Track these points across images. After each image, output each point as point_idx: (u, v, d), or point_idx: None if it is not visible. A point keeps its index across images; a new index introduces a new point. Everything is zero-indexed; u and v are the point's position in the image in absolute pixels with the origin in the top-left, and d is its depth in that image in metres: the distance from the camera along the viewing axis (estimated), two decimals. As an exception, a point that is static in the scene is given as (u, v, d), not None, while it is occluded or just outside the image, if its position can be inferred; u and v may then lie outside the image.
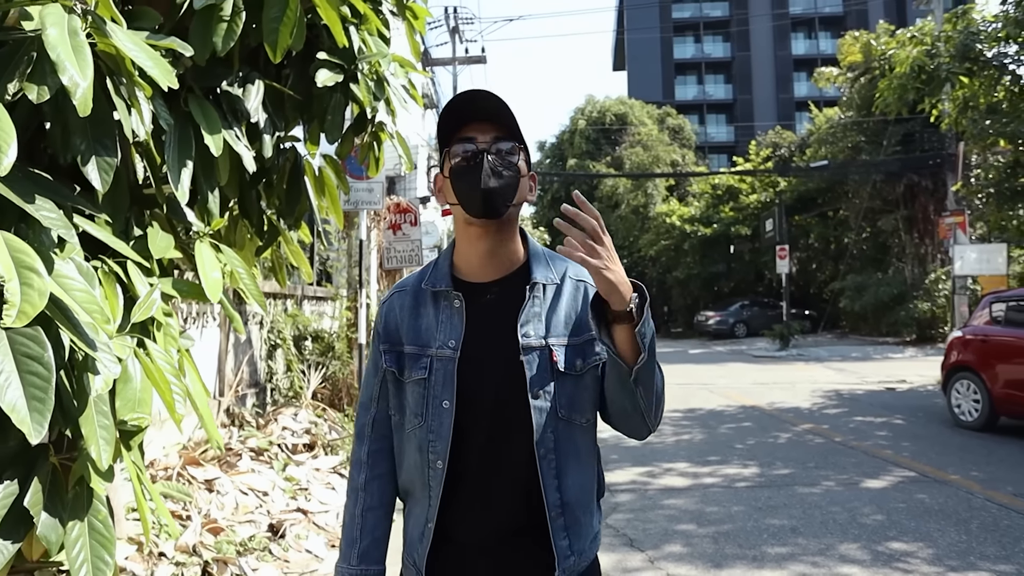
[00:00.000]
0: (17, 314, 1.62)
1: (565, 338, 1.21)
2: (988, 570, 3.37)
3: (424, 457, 1.22)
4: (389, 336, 1.30)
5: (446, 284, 1.25)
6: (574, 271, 1.29)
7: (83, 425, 1.98)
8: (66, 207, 2.06)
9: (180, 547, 3.38)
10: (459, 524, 1.23)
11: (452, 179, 1.21)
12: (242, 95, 2.92)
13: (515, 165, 1.21)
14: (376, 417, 1.33)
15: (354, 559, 1.28)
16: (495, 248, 1.24)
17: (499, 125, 1.21)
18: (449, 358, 1.22)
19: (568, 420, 1.21)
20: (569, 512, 1.20)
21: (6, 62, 1.98)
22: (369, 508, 1.30)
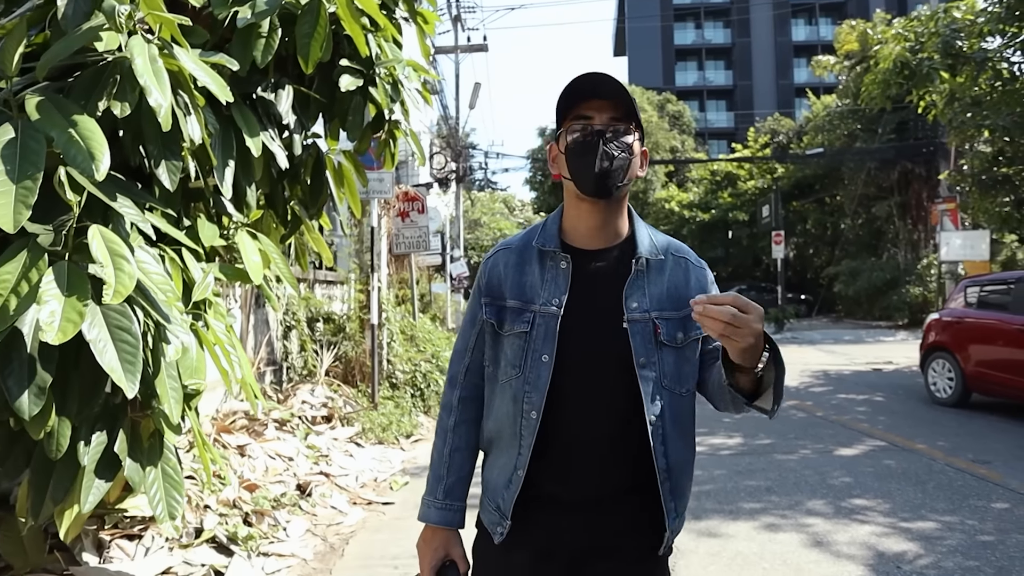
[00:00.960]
0: (113, 293, 2.05)
1: (667, 312, 1.26)
2: (935, 521, 3.81)
3: (519, 407, 1.26)
4: (491, 291, 1.33)
5: (555, 245, 1.29)
6: (676, 247, 1.34)
7: (158, 386, 2.40)
8: (138, 203, 2.49)
9: (222, 501, 3.82)
10: (549, 476, 1.26)
11: (568, 156, 1.24)
12: (274, 99, 3.35)
13: (629, 147, 1.23)
14: (470, 366, 1.37)
15: (440, 493, 1.35)
16: (604, 222, 1.28)
17: (616, 104, 1.23)
18: (553, 315, 1.25)
19: (671, 390, 1.25)
20: (674, 477, 1.25)
21: (94, 84, 2.40)
22: (456, 449, 1.36)
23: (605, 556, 1.25)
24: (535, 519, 1.26)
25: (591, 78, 1.22)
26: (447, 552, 1.33)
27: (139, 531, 3.24)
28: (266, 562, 3.35)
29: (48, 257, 2.13)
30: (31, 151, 2.03)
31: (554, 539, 1.26)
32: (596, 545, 1.25)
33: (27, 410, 2.03)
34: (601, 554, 1.25)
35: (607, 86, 1.22)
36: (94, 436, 2.44)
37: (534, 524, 1.26)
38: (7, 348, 2.04)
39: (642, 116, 6.49)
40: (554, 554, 1.26)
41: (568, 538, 1.25)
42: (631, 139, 1.24)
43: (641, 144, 1.28)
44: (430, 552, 1.33)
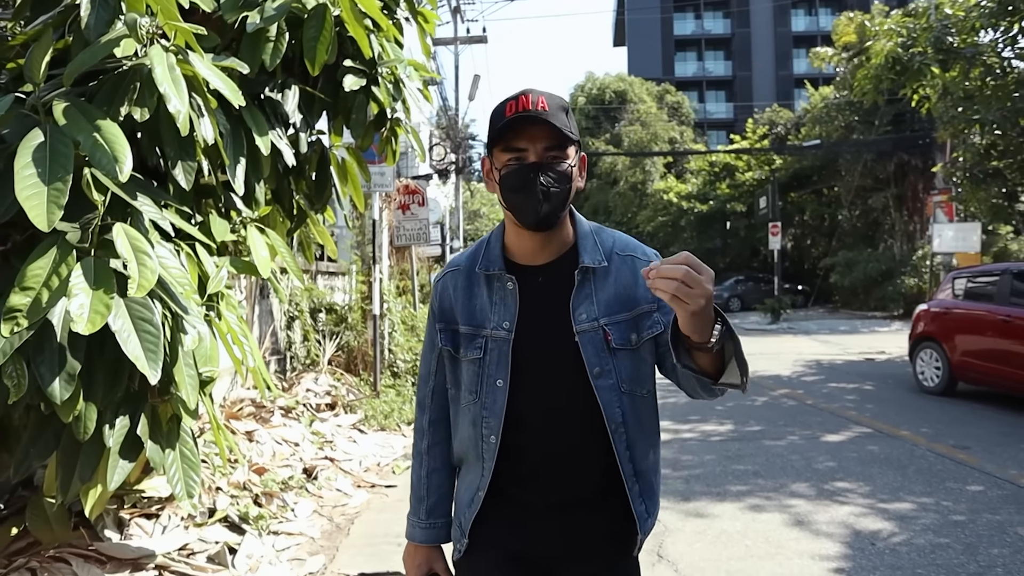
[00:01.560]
0: (137, 287, 2.23)
1: (618, 315, 1.24)
2: (912, 502, 4.00)
3: (478, 431, 1.27)
4: (444, 315, 1.33)
5: (499, 267, 1.27)
6: (621, 246, 1.30)
7: (176, 374, 2.58)
8: (156, 201, 2.65)
9: (233, 483, 4.00)
10: (518, 489, 1.27)
11: (502, 187, 1.20)
12: (281, 99, 3.51)
13: (567, 176, 1.19)
14: (435, 389, 1.38)
15: (423, 514, 1.38)
16: (546, 241, 1.27)
17: (551, 132, 1.17)
18: (504, 339, 1.24)
19: (631, 393, 1.24)
20: (643, 479, 1.26)
21: (115, 90, 2.57)
22: (433, 470, 1.39)
23: (579, 561, 1.26)
24: (505, 527, 1.28)
25: (523, 104, 1.15)
26: (430, 567, 1.37)
27: (156, 510, 3.42)
28: (276, 540, 3.54)
29: (76, 253, 2.29)
30: (60, 154, 2.20)
31: (527, 544, 1.27)
32: (569, 552, 1.26)
33: (58, 395, 2.21)
34: (575, 559, 1.26)
35: (540, 114, 1.15)
36: (118, 420, 2.61)
37: (502, 531, 1.28)
38: (39, 338, 2.21)
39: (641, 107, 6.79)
40: (531, 559, 1.27)
41: (541, 547, 1.26)
42: (567, 165, 1.19)
43: (578, 156, 1.24)
44: (414, 568, 1.38)
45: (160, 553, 3.08)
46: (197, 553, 3.21)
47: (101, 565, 2.90)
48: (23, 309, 2.13)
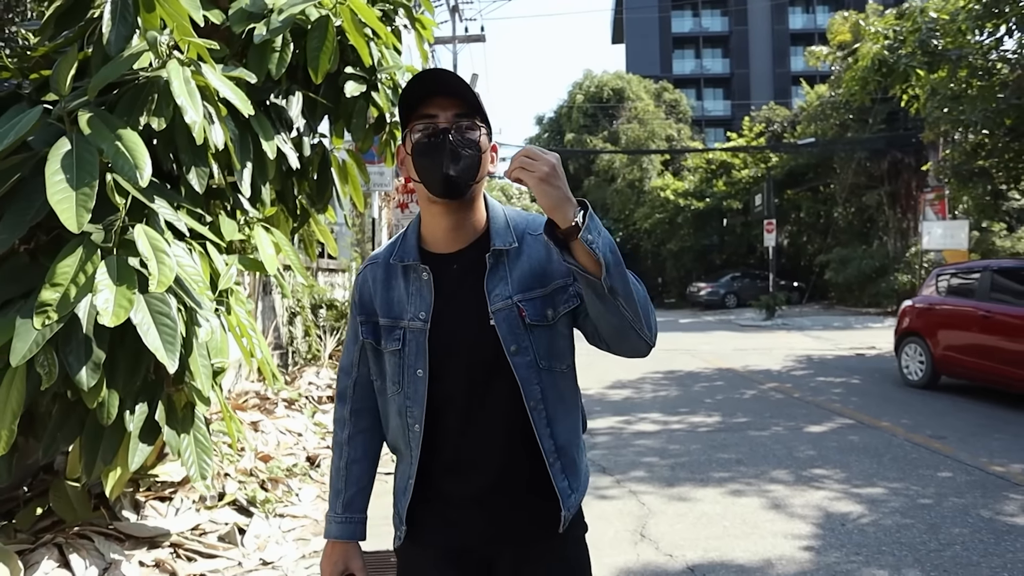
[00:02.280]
0: (157, 283, 2.44)
1: (532, 291, 1.24)
2: (883, 487, 4.22)
3: (403, 421, 1.28)
4: (364, 308, 1.35)
5: (413, 258, 1.28)
6: (534, 227, 1.30)
7: (191, 364, 2.79)
8: (170, 203, 2.86)
9: (240, 470, 4.21)
10: (446, 480, 1.28)
11: (414, 156, 1.21)
12: (285, 105, 3.72)
13: (476, 143, 1.21)
14: (357, 380, 1.38)
15: (339, 508, 1.36)
16: (459, 222, 1.26)
17: (460, 101, 1.20)
18: (420, 329, 1.25)
19: (549, 369, 1.25)
20: (564, 455, 1.26)
21: (134, 101, 2.78)
22: (353, 460, 1.38)
23: (510, 544, 1.27)
24: (437, 519, 1.28)
25: (433, 75, 1.20)
26: (346, 566, 1.35)
27: (169, 494, 3.63)
28: (282, 522, 3.75)
29: (100, 252, 2.50)
30: (86, 162, 2.41)
31: (459, 537, 1.28)
32: (500, 536, 1.27)
33: (86, 382, 2.43)
34: (506, 543, 1.27)
35: (450, 82, 1.19)
36: (137, 407, 2.83)
37: (435, 525, 1.29)
38: (67, 330, 2.42)
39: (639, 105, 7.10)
40: (464, 550, 1.28)
41: (472, 534, 1.27)
42: (477, 134, 1.21)
43: (489, 140, 1.26)
44: (330, 567, 1.35)
45: (174, 532, 3.29)
46: (208, 533, 3.42)
47: (120, 543, 3.11)
48: (53, 303, 2.34)
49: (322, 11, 3.38)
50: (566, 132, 34.22)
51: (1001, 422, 5.95)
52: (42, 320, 2.30)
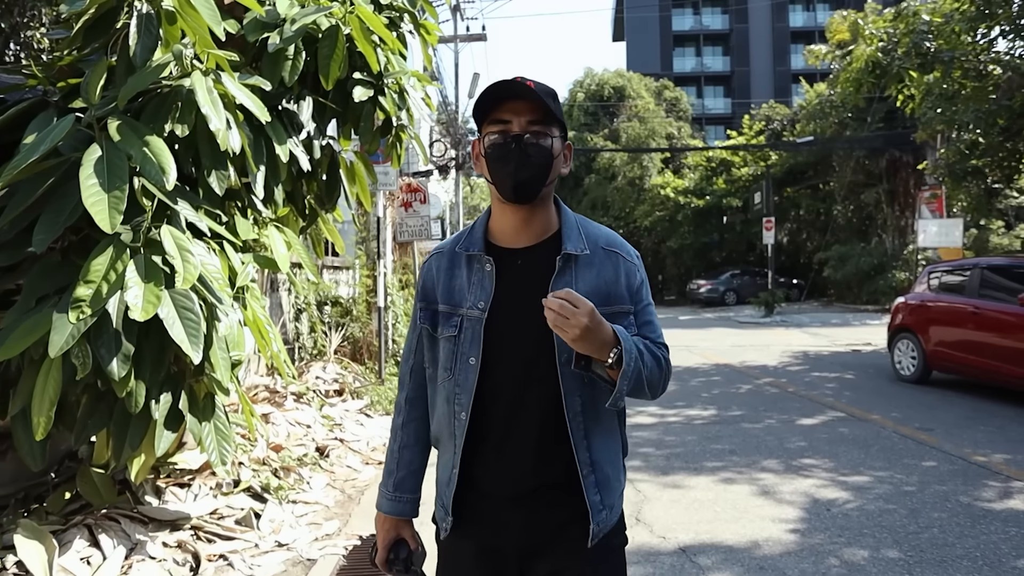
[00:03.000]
0: (183, 280, 2.62)
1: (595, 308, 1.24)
2: (869, 475, 4.40)
3: (450, 408, 1.30)
4: (426, 295, 1.38)
5: (479, 248, 1.31)
6: (607, 241, 1.34)
7: (211, 356, 2.96)
8: (192, 204, 3.04)
9: (254, 459, 4.40)
10: (486, 473, 1.30)
11: (487, 160, 1.25)
12: (297, 110, 3.91)
13: (548, 150, 1.24)
14: (414, 367, 1.43)
15: (391, 487, 1.42)
16: (527, 220, 1.29)
17: (535, 107, 1.23)
18: (477, 318, 1.28)
19: (593, 385, 1.25)
20: (599, 469, 1.27)
21: (159, 108, 2.96)
22: (405, 446, 1.43)
23: (543, 552, 1.28)
24: (476, 514, 1.31)
25: (510, 82, 1.23)
26: (397, 532, 1.43)
27: (188, 480, 3.82)
28: (295, 508, 3.94)
29: (128, 251, 2.68)
30: (116, 167, 2.59)
31: (495, 536, 1.30)
32: (533, 542, 1.28)
33: (116, 373, 2.61)
34: (539, 550, 1.28)
35: (525, 88, 1.22)
36: (162, 396, 3.01)
37: (475, 520, 1.31)
38: (99, 325, 2.60)
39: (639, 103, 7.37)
40: (499, 550, 1.30)
41: (508, 535, 1.29)
42: (550, 141, 1.24)
43: (563, 142, 1.29)
44: (383, 532, 1.43)
45: (194, 516, 3.48)
46: (226, 517, 3.61)
47: (144, 525, 3.29)
48: (87, 299, 2.53)
49: (332, 20, 3.55)
50: (567, 129, 34.31)
51: (987, 415, 6.13)
52: (76, 315, 2.49)
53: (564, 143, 1.29)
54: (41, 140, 2.60)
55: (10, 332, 2.60)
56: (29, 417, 2.77)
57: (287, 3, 3.52)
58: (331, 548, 3.42)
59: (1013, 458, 4.71)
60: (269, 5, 3.55)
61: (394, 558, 1.41)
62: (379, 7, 4.30)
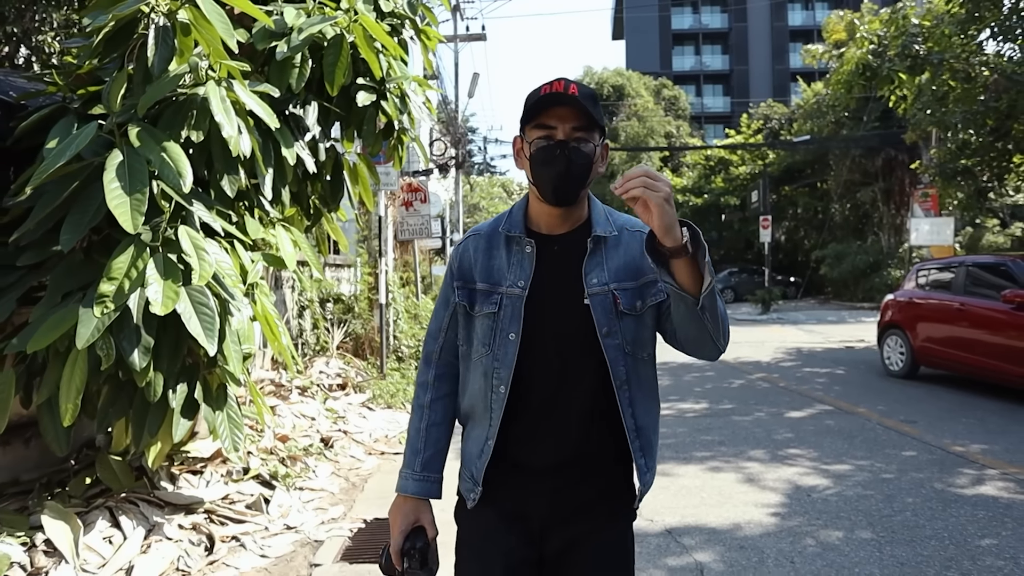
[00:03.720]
0: (199, 277, 2.81)
1: (626, 282, 1.33)
2: (851, 464, 4.60)
3: (488, 382, 1.34)
4: (463, 274, 1.42)
5: (520, 231, 1.37)
6: (631, 224, 1.40)
7: (224, 349, 3.15)
8: (205, 205, 3.22)
9: (262, 448, 4.59)
10: (520, 446, 1.34)
11: (531, 162, 1.30)
12: (303, 114, 4.09)
13: (590, 156, 1.29)
14: (444, 345, 1.45)
15: (418, 466, 1.42)
16: (565, 215, 1.37)
17: (579, 113, 1.27)
18: (518, 296, 1.33)
19: (633, 355, 1.32)
20: (643, 435, 1.34)
21: (175, 116, 3.15)
22: (433, 424, 1.43)
23: (579, 518, 1.33)
24: (507, 484, 1.34)
25: (557, 88, 1.28)
26: (417, 518, 1.40)
27: (200, 468, 4.01)
28: (301, 494, 4.13)
29: (148, 250, 2.87)
30: (137, 171, 2.78)
31: (526, 503, 1.34)
32: (569, 508, 1.32)
33: (137, 364, 2.80)
34: (575, 516, 1.33)
35: (570, 96, 1.26)
36: (179, 386, 3.20)
37: (505, 488, 1.35)
38: (121, 319, 2.79)
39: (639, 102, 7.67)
40: (525, 517, 1.34)
41: (536, 503, 1.33)
42: (591, 147, 1.29)
43: (602, 142, 1.34)
44: (401, 516, 1.40)
45: (207, 501, 3.67)
46: (237, 502, 3.80)
47: (160, 508, 3.49)
48: (110, 295, 2.72)
49: (337, 29, 3.73)
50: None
51: (970, 408, 6.32)
52: (101, 309, 2.68)
53: (603, 142, 1.35)
54: (67, 146, 2.77)
55: (38, 326, 2.80)
56: (54, 406, 2.97)
57: (294, 13, 3.70)
58: (337, 530, 3.61)
59: (989, 448, 4.91)
60: (277, 14, 3.73)
61: (410, 547, 1.37)
62: (381, 15, 4.49)
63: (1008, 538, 3.29)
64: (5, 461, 3.42)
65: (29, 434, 3.56)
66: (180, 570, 3.09)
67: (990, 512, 3.64)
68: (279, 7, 3.83)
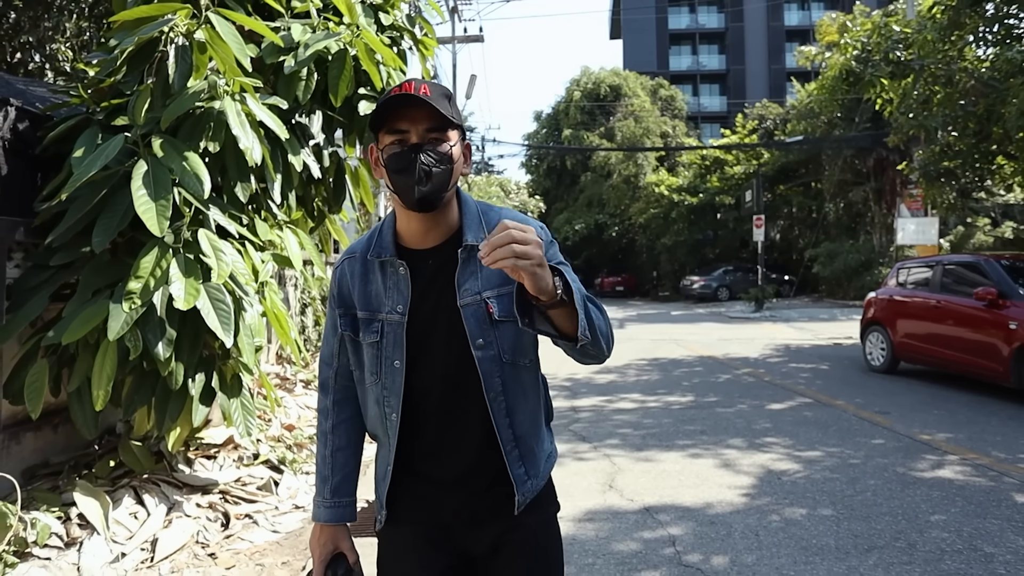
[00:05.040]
0: (217, 276, 3.10)
1: (501, 288, 1.27)
2: (822, 451, 4.90)
3: (381, 410, 1.33)
4: (343, 301, 1.38)
5: (390, 253, 1.31)
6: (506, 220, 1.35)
7: (239, 342, 3.43)
8: (221, 209, 3.51)
9: (270, 436, 4.89)
10: (421, 466, 1.33)
11: (387, 169, 1.24)
12: (308, 123, 4.39)
13: (448, 156, 1.23)
14: (338, 371, 1.42)
15: (328, 493, 1.40)
16: (432, 224, 1.30)
17: (431, 113, 1.22)
18: (398, 322, 1.29)
19: (513, 363, 1.29)
20: (523, 443, 1.31)
21: (194, 128, 3.43)
22: (338, 449, 1.42)
23: (481, 524, 1.33)
24: (418, 498, 1.34)
25: (406, 89, 1.21)
26: (335, 546, 1.40)
27: (214, 453, 4.31)
28: (308, 478, 4.43)
29: (171, 251, 3.16)
30: (161, 179, 3.08)
31: (440, 512, 1.33)
32: (470, 518, 1.33)
33: (161, 355, 3.10)
34: (477, 523, 1.33)
35: (420, 97, 1.20)
36: (198, 376, 3.50)
37: (417, 503, 1.34)
38: (146, 314, 3.08)
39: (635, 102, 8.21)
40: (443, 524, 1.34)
41: (453, 510, 1.33)
42: (448, 147, 1.24)
43: (463, 142, 1.30)
44: (319, 547, 1.40)
45: (221, 483, 3.96)
46: (248, 484, 4.10)
47: (179, 489, 3.78)
48: (137, 292, 3.01)
49: (340, 44, 4.02)
50: (564, 128, 34.81)
51: (943, 400, 6.64)
52: (129, 305, 2.98)
53: (463, 143, 1.31)
54: (97, 156, 3.06)
55: (71, 320, 3.10)
56: (84, 394, 3.26)
57: (300, 29, 4.00)
58: (341, 510, 3.91)
59: (954, 436, 5.22)
60: (284, 30, 4.03)
61: (332, 574, 1.38)
62: (382, 27, 4.79)
63: (956, 515, 3.59)
64: (36, 445, 3.71)
65: (57, 420, 3.85)
66: (200, 543, 3.39)
67: (944, 492, 3.94)
68: (286, 23, 4.12)
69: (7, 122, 3.62)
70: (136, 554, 3.18)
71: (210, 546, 3.38)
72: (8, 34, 6.78)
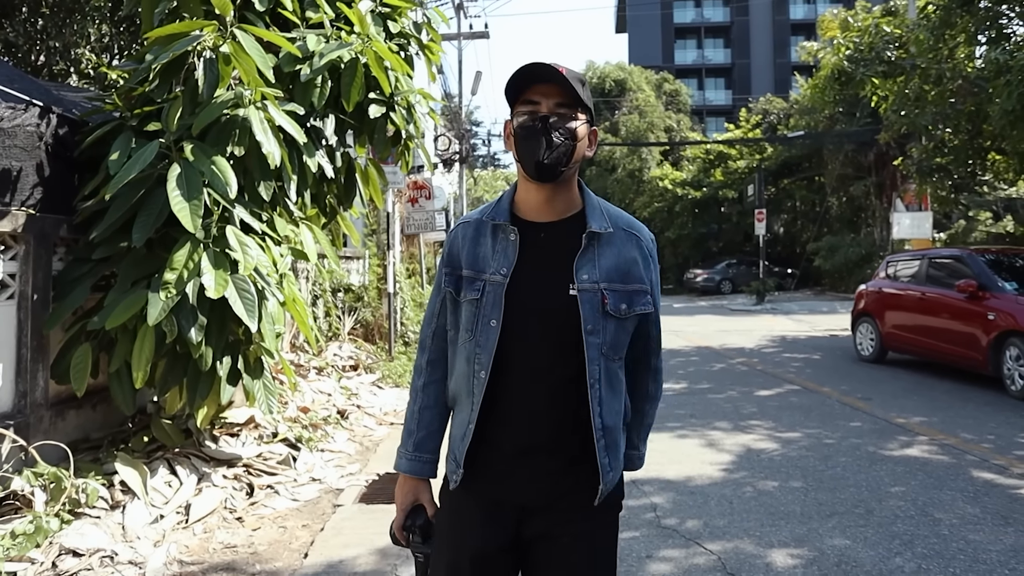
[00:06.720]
0: (243, 268, 3.45)
1: (616, 284, 1.34)
2: (801, 432, 5.24)
3: (471, 367, 1.36)
4: (451, 261, 1.44)
5: (505, 219, 1.37)
6: (627, 223, 1.41)
7: (262, 328, 3.78)
8: (245, 208, 3.86)
9: (287, 417, 5.26)
10: (501, 431, 1.36)
11: (516, 138, 1.32)
12: (322, 126, 4.73)
13: (573, 132, 1.30)
14: (436, 331, 1.48)
15: (411, 447, 1.46)
16: (550, 198, 1.36)
17: (562, 90, 1.29)
18: (499, 283, 1.34)
19: (608, 357, 1.34)
20: (609, 434, 1.34)
21: (221, 134, 3.77)
22: (425, 407, 1.47)
23: (542, 511, 1.35)
24: (486, 467, 1.37)
25: (541, 65, 1.29)
26: (416, 497, 1.47)
27: (236, 431, 4.68)
28: (323, 455, 4.80)
29: (201, 246, 3.51)
30: (193, 181, 3.43)
31: (499, 488, 1.37)
32: (534, 499, 1.35)
33: (194, 339, 3.45)
34: (539, 509, 1.35)
35: (554, 72, 1.28)
36: (225, 358, 3.85)
37: (485, 472, 1.37)
38: (180, 302, 3.44)
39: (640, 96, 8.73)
40: (500, 504, 1.37)
41: (511, 486, 1.36)
42: (575, 124, 1.30)
43: (589, 126, 1.36)
44: (401, 496, 1.48)
45: (245, 457, 4.34)
46: (269, 459, 4.47)
47: (207, 462, 4.16)
48: (172, 282, 3.37)
49: (352, 54, 4.35)
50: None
51: (925, 388, 6.96)
52: (165, 294, 3.33)
53: (590, 127, 1.37)
54: (135, 160, 3.42)
55: (114, 308, 3.46)
56: (123, 374, 3.63)
57: (315, 39, 4.34)
58: (354, 482, 4.28)
59: (928, 420, 5.54)
60: (300, 40, 4.36)
61: (411, 524, 1.45)
62: (390, 35, 5.12)
63: (915, 487, 3.93)
64: (78, 421, 4.08)
65: (96, 400, 4.22)
66: (228, 508, 3.76)
67: (907, 468, 4.28)
68: (302, 33, 4.45)
69: (50, 128, 3.98)
70: (172, 517, 3.56)
71: (237, 511, 3.75)
72: (35, 39, 7.15)
